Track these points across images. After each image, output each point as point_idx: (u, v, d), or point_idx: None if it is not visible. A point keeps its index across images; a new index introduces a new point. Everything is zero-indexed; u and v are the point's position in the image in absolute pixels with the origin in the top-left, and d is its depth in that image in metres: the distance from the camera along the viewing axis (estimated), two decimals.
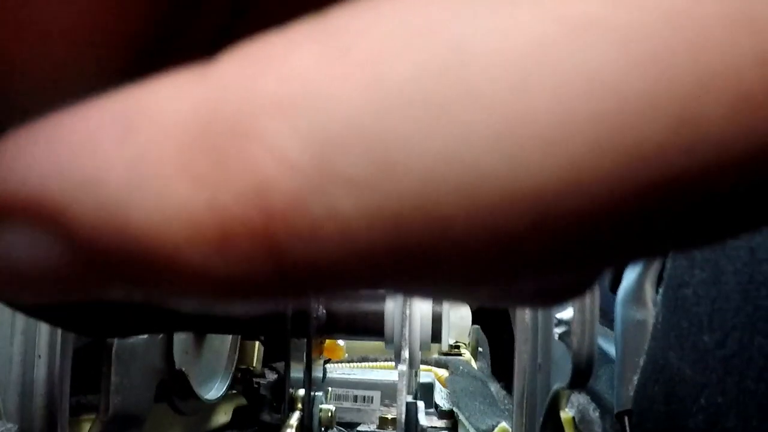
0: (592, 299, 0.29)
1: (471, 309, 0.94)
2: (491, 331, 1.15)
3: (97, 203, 0.08)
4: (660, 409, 0.30)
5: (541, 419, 0.35)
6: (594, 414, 0.34)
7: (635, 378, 0.38)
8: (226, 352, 0.53)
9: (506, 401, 0.73)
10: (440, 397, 0.73)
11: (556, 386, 0.32)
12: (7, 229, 0.08)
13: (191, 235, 0.07)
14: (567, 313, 0.32)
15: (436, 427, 0.58)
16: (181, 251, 0.07)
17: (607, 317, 0.42)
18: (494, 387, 0.78)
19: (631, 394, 0.37)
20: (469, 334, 0.97)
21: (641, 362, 0.39)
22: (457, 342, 0.90)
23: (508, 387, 0.86)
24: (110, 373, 0.33)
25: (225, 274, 0.07)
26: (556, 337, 0.33)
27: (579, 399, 0.35)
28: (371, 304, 0.46)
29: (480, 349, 1.03)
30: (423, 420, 0.34)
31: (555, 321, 0.33)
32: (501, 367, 1.12)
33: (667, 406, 0.29)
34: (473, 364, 0.88)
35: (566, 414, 0.33)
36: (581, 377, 0.29)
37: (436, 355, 0.80)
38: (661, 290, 0.31)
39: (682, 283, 0.30)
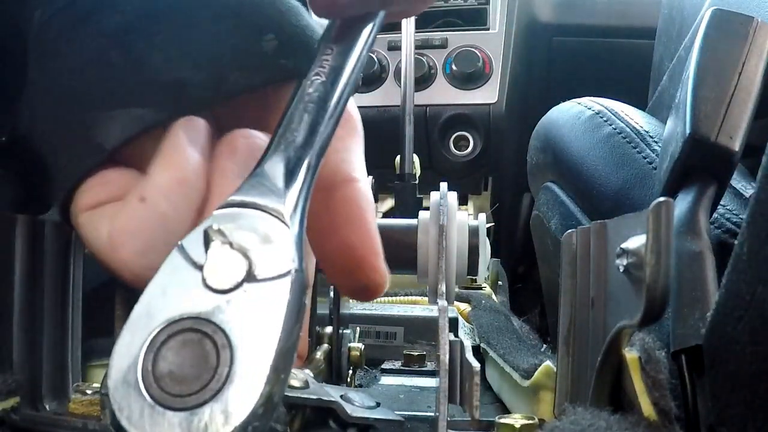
0: (667, 226, 0.25)
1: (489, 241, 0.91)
2: (506, 265, 1.13)
3: None
4: (745, 351, 0.26)
5: (598, 359, 0.32)
6: (660, 354, 0.31)
7: (696, 314, 0.35)
8: None
9: (530, 337, 0.71)
10: (463, 333, 0.71)
11: (620, 324, 0.29)
12: None
13: None
14: (633, 242, 0.29)
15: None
16: None
17: None
18: (516, 322, 0.76)
19: (690, 331, 0.34)
20: (489, 267, 0.94)
21: (700, 297, 0.36)
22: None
23: (528, 322, 0.84)
24: (124, 316, 0.30)
25: None
26: (620, 269, 0.29)
27: (642, 338, 0.31)
28: (402, 235, 0.42)
29: (500, 282, 1.00)
30: (472, 360, 0.31)
31: (618, 251, 0.30)
32: (516, 301, 1.11)
33: (754, 347, 0.26)
34: (494, 298, 0.85)
35: (631, 354, 0.30)
36: (654, 314, 0.26)
37: (456, 289, 0.77)
38: (746, 217, 0.28)
39: None
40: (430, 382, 0.63)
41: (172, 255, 0.21)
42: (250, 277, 0.20)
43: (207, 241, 0.21)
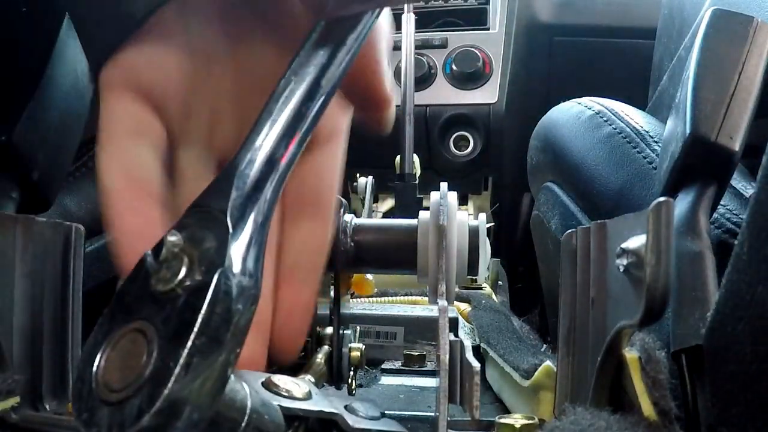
0: (667, 226, 0.25)
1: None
2: (506, 265, 1.13)
3: None
4: (745, 350, 0.26)
5: (599, 359, 0.32)
6: (660, 354, 0.31)
7: (696, 314, 0.35)
8: None
9: (530, 337, 0.71)
10: (463, 333, 0.71)
11: (620, 324, 0.29)
12: None
13: None
14: (633, 242, 0.29)
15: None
16: None
17: None
18: (516, 322, 0.76)
19: (690, 331, 0.34)
20: (489, 267, 0.94)
21: (700, 297, 0.36)
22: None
23: (528, 322, 0.84)
24: None
25: None
26: (620, 269, 0.29)
27: (642, 338, 0.31)
28: (402, 235, 0.42)
29: (500, 282, 1.00)
30: (472, 360, 0.31)
31: (618, 251, 0.30)
32: (516, 301, 1.11)
33: (754, 347, 0.26)
34: (494, 298, 0.85)
35: (631, 354, 0.30)
36: (654, 314, 0.26)
37: (456, 289, 0.77)
38: (746, 217, 0.28)
39: None
40: (430, 382, 0.63)
41: (138, 263, 0.23)
42: (187, 278, 0.21)
43: (160, 248, 0.22)
